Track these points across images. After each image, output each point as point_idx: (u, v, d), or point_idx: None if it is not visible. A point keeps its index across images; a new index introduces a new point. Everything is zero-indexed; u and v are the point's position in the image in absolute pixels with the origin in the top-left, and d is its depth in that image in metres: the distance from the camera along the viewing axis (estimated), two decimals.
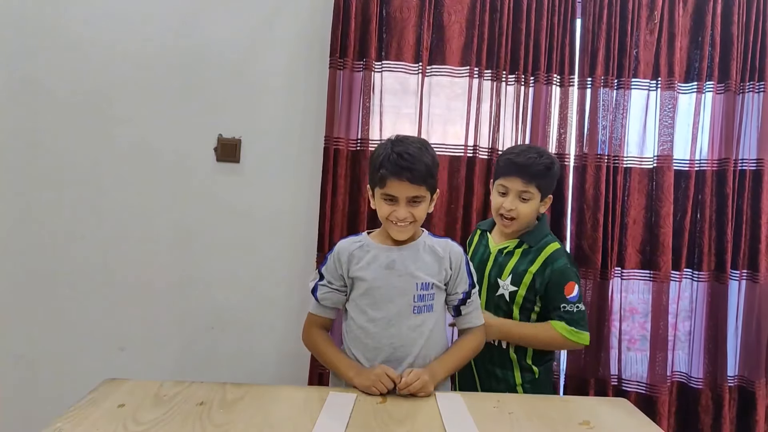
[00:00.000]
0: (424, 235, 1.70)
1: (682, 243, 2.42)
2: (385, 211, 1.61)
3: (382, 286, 1.63)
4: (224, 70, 2.42)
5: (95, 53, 2.38)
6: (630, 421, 1.46)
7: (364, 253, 1.66)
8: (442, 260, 1.65)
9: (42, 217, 2.39)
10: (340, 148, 2.36)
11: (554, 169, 1.86)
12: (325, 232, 2.36)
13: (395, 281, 1.63)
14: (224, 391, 1.49)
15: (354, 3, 2.32)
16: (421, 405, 1.46)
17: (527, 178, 1.76)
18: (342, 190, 2.35)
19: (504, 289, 1.81)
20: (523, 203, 1.78)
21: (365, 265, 1.65)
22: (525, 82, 2.38)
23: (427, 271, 1.64)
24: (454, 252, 1.68)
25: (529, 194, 1.78)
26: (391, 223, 1.61)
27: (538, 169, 1.78)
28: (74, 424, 1.25)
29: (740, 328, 2.45)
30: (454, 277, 1.66)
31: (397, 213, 1.58)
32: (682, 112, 2.45)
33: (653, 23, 2.39)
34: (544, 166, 1.77)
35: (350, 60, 2.34)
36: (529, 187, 1.77)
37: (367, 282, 1.64)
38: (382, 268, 1.64)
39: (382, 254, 1.65)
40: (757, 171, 2.42)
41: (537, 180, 1.78)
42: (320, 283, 1.70)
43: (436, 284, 1.64)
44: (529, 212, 1.80)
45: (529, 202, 1.79)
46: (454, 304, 1.68)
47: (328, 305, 1.71)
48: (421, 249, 1.66)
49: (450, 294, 1.67)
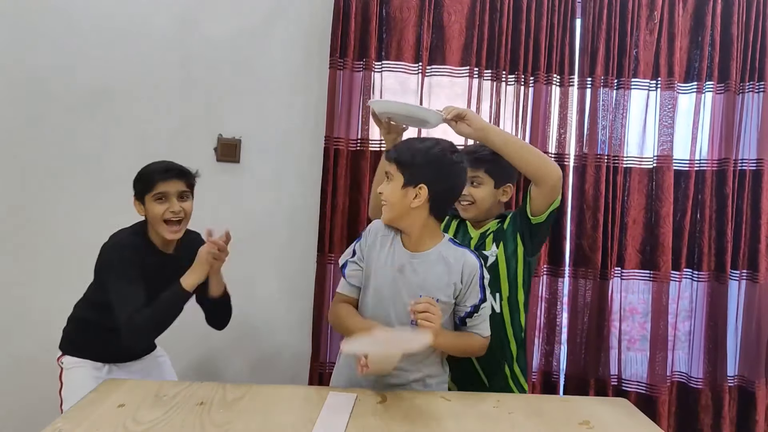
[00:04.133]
0: (442, 242, 1.61)
1: (682, 243, 2.42)
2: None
3: (387, 287, 1.58)
4: (224, 70, 2.42)
5: (95, 53, 2.38)
6: (630, 421, 1.46)
7: (386, 243, 1.61)
8: (452, 273, 1.56)
9: (41, 215, 2.39)
10: (340, 148, 2.36)
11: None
12: (325, 232, 2.36)
13: (401, 288, 1.56)
14: (224, 391, 1.49)
15: (354, 3, 2.33)
16: (422, 405, 1.46)
17: (473, 164, 1.78)
18: (342, 190, 2.35)
19: (491, 256, 1.80)
20: (475, 188, 1.81)
21: (382, 256, 1.60)
22: (525, 82, 2.39)
23: (437, 284, 1.55)
24: (468, 264, 1.57)
25: (479, 179, 1.81)
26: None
27: (483, 154, 1.80)
28: (74, 424, 1.25)
29: (740, 328, 2.46)
30: (464, 291, 1.57)
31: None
32: (682, 112, 2.45)
33: (653, 23, 2.39)
34: (490, 152, 1.76)
35: (350, 60, 2.34)
36: (477, 173, 1.80)
37: (374, 276, 1.60)
38: (393, 268, 1.58)
39: (400, 253, 1.59)
40: (757, 171, 2.42)
41: (484, 165, 1.80)
42: (350, 260, 1.65)
43: (443, 300, 1.54)
44: (484, 196, 1.81)
45: (481, 187, 1.81)
46: (461, 315, 1.60)
47: (355, 283, 1.63)
48: (434, 259, 1.57)
49: (458, 305, 1.60)
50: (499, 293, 1.79)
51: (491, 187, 1.82)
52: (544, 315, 2.45)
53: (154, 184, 1.72)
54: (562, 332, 2.47)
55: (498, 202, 1.85)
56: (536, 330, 2.44)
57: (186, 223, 1.77)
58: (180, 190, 1.75)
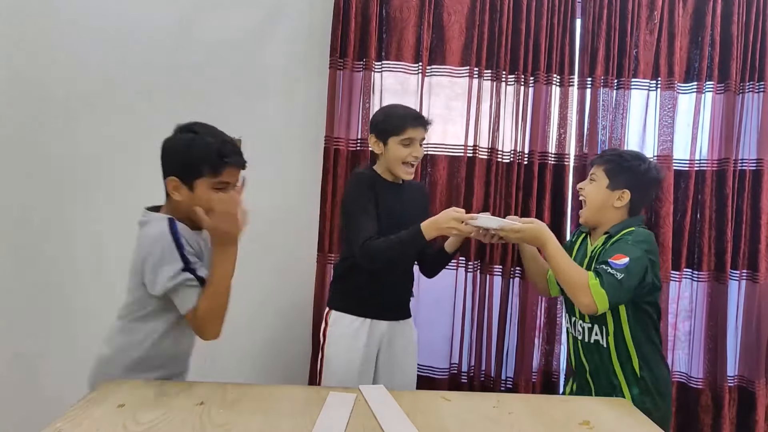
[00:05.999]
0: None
1: (681, 243, 2.42)
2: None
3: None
4: (224, 70, 2.42)
5: (95, 53, 2.38)
6: (630, 421, 1.46)
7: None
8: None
9: (42, 215, 2.38)
10: (340, 148, 2.36)
11: (631, 164, 1.81)
12: (325, 232, 2.36)
13: None
14: (224, 391, 1.49)
15: (354, 3, 2.33)
16: (422, 405, 1.46)
17: (595, 161, 1.84)
18: (342, 190, 2.35)
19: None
20: (589, 184, 1.83)
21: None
22: (525, 82, 2.39)
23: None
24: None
25: (595, 175, 1.82)
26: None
27: (609, 154, 1.86)
28: (74, 424, 1.25)
29: (740, 328, 2.45)
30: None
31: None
32: (682, 112, 2.45)
33: (653, 23, 2.39)
34: (616, 154, 1.86)
35: (350, 60, 2.34)
36: (596, 169, 1.82)
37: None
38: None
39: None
40: (757, 171, 2.42)
41: (604, 164, 1.81)
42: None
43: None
44: (595, 194, 1.80)
45: (594, 183, 1.82)
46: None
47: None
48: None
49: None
50: (605, 326, 1.74)
51: (604, 186, 1.78)
52: (544, 315, 2.45)
53: (405, 128, 1.85)
54: (562, 332, 2.46)
55: (612, 207, 1.78)
56: (536, 330, 2.44)
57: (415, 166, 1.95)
58: (422, 138, 1.90)
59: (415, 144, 1.87)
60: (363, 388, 1.53)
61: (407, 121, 1.85)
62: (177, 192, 1.49)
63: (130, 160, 2.40)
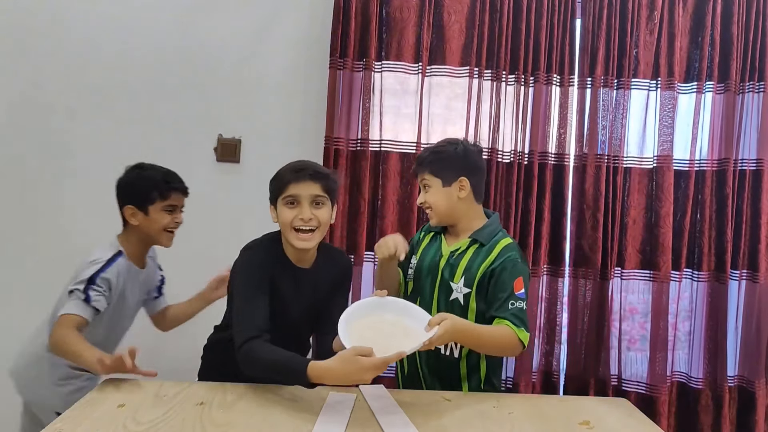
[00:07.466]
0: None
1: (682, 243, 2.42)
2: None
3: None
4: (224, 70, 2.42)
5: (95, 54, 2.38)
6: (630, 421, 1.46)
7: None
8: None
9: (42, 215, 2.39)
10: (340, 148, 2.36)
11: (448, 151, 1.72)
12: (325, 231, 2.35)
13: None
14: (224, 391, 1.49)
15: (354, 3, 2.33)
16: (422, 405, 1.46)
17: (417, 169, 1.74)
18: (342, 190, 2.35)
19: (458, 293, 1.68)
20: (427, 193, 1.72)
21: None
22: (525, 82, 2.38)
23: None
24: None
25: (426, 182, 1.72)
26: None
27: (423, 157, 1.74)
28: (74, 424, 1.25)
29: (740, 328, 2.46)
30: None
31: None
32: (681, 112, 2.45)
33: (653, 23, 2.39)
34: (429, 152, 1.74)
35: (350, 60, 2.34)
36: (423, 176, 1.72)
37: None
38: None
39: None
40: (757, 171, 2.42)
41: (427, 167, 1.71)
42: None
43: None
44: (437, 199, 1.70)
45: (431, 190, 1.71)
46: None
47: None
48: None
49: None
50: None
51: (440, 187, 1.70)
52: (544, 315, 2.45)
53: (286, 185, 1.55)
54: (562, 332, 2.47)
55: (458, 200, 1.69)
56: (536, 330, 2.44)
57: (321, 233, 1.57)
58: (314, 194, 1.54)
59: (303, 203, 1.56)
60: (363, 388, 1.52)
61: (287, 176, 1.59)
62: (134, 218, 1.77)
63: (130, 161, 2.40)
